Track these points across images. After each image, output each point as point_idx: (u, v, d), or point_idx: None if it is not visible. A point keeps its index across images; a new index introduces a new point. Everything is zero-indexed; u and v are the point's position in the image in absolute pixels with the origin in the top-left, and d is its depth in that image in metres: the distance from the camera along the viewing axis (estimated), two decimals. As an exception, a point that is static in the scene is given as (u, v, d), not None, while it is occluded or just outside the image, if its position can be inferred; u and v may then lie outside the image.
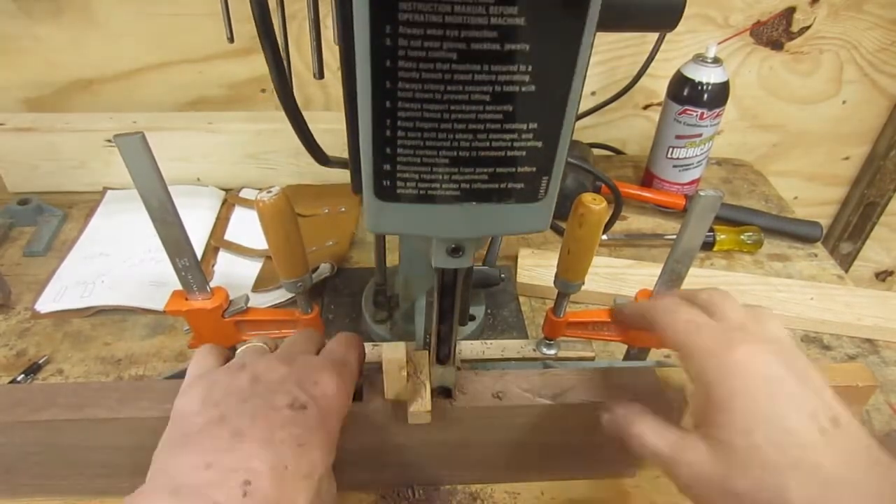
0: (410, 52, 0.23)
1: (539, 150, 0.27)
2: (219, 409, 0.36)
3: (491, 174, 0.28)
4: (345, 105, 0.32)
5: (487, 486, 0.52)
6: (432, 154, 0.26)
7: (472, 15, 0.22)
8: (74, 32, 0.87)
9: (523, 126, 0.26)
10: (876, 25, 0.96)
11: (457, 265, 0.33)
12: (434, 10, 0.22)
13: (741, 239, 0.81)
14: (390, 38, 0.23)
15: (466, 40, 0.23)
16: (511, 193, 0.29)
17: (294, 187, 0.88)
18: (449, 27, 0.23)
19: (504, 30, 0.23)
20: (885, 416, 0.61)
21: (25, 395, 0.45)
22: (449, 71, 0.24)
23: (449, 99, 0.25)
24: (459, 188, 0.28)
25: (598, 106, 0.93)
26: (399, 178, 0.27)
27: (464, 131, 0.26)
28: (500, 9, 0.22)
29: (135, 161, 0.42)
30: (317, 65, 0.42)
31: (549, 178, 0.28)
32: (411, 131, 0.26)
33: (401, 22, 0.22)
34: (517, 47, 0.24)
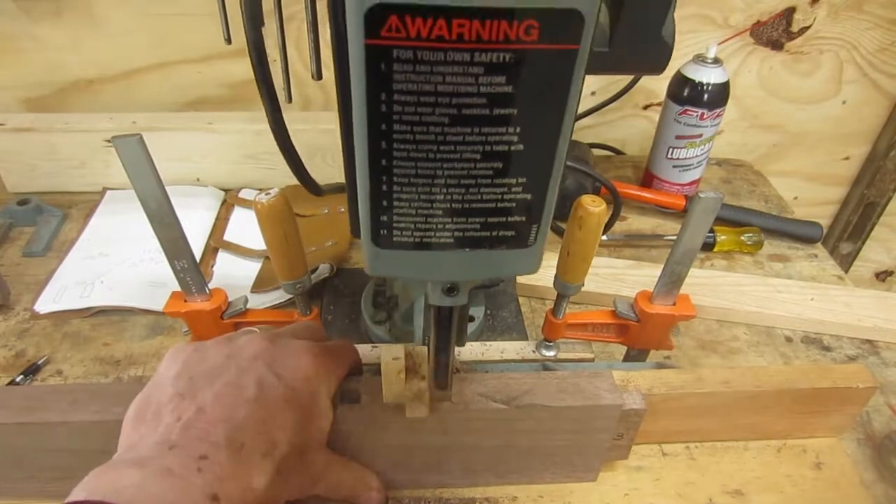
0: (405, 117, 0.25)
1: (528, 202, 0.29)
2: (191, 383, 0.38)
3: (483, 224, 0.29)
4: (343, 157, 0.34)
5: (479, 489, 0.52)
6: (427, 206, 0.28)
7: (462, 84, 0.24)
8: (74, 32, 0.87)
9: (513, 181, 0.28)
10: (876, 25, 0.96)
11: (452, 303, 0.35)
12: (427, 80, 0.24)
13: (741, 240, 0.81)
14: (385, 105, 0.24)
15: (458, 106, 0.25)
16: (502, 241, 0.30)
17: (293, 187, 0.87)
18: (441, 94, 0.24)
19: (493, 97, 0.24)
20: (885, 417, 0.61)
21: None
22: (441, 133, 0.25)
23: (441, 157, 0.26)
24: (453, 236, 0.29)
25: (598, 106, 0.93)
26: (395, 227, 0.29)
27: (456, 186, 0.27)
28: (488, 78, 0.24)
29: (133, 163, 0.42)
30: (315, 66, 0.42)
31: (538, 226, 0.30)
32: (406, 186, 0.27)
33: (395, 91, 0.24)
34: (505, 112, 0.25)
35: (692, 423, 0.54)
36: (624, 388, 0.49)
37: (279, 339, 0.43)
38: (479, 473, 0.51)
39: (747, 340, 0.69)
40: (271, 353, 0.41)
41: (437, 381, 0.42)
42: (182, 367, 0.40)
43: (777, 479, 0.53)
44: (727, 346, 0.69)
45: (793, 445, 0.56)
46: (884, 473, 0.55)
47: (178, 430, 0.35)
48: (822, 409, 0.54)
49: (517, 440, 0.49)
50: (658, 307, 0.53)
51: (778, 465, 0.55)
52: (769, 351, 0.68)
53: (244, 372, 0.39)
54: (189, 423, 0.36)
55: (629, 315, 0.54)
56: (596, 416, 0.47)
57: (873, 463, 0.57)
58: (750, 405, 0.52)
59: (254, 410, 0.37)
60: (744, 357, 0.67)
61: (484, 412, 0.46)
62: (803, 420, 0.54)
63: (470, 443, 0.48)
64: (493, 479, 0.52)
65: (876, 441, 0.58)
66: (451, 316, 0.37)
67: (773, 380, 0.52)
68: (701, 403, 0.52)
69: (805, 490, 0.53)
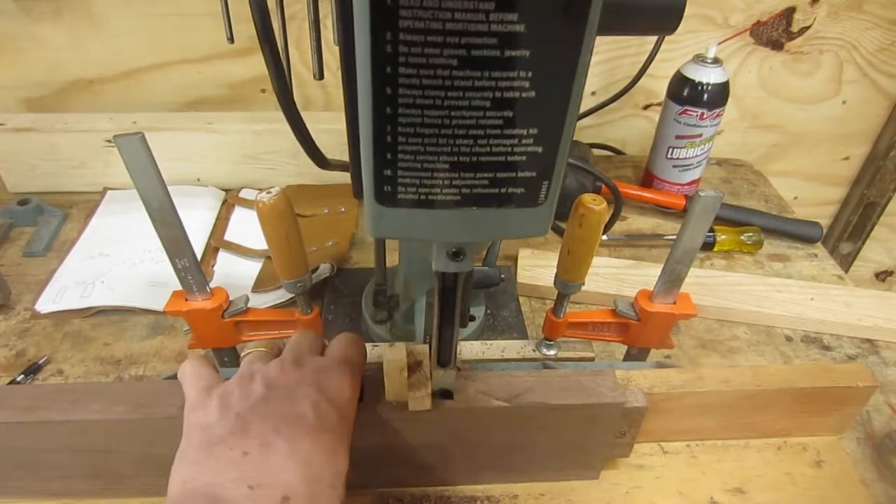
0: (411, 59, 0.23)
1: (539, 156, 0.27)
2: (240, 418, 0.36)
3: (491, 179, 0.28)
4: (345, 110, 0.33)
5: (480, 487, 0.52)
6: (433, 159, 0.27)
7: (472, 21, 0.22)
8: (74, 32, 0.87)
9: (523, 131, 0.26)
10: (876, 25, 0.96)
11: (457, 269, 0.33)
12: (434, 17, 0.22)
13: (741, 239, 0.81)
14: (391, 45, 0.23)
15: (467, 47, 0.23)
16: (511, 198, 0.29)
17: (294, 187, 0.88)
18: (449, 34, 0.23)
19: (504, 36, 0.23)
20: (885, 416, 0.61)
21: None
22: (449, 77, 0.24)
23: (449, 105, 0.25)
24: (460, 193, 0.28)
25: (598, 106, 0.93)
26: (400, 183, 0.27)
27: (464, 137, 0.26)
28: (499, 15, 0.22)
29: (134, 161, 0.42)
30: (317, 66, 0.42)
31: (549, 182, 0.28)
32: (412, 137, 0.26)
33: (401, 29, 0.23)
34: (517, 54, 0.24)
35: (693, 422, 0.54)
36: (626, 387, 0.49)
37: (305, 361, 0.41)
38: (482, 471, 0.51)
39: (747, 340, 0.69)
40: (311, 376, 0.39)
41: (441, 359, 0.42)
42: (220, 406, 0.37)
43: (777, 477, 0.54)
44: (727, 345, 0.69)
45: (793, 444, 0.56)
46: (884, 472, 0.56)
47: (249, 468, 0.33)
48: (822, 408, 0.54)
49: (519, 438, 0.49)
50: (658, 306, 0.53)
51: (778, 463, 0.55)
52: (769, 350, 0.68)
53: (295, 399, 0.37)
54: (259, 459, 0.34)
55: (629, 314, 0.54)
56: (598, 414, 0.47)
57: (873, 462, 0.57)
58: (750, 404, 0.52)
59: (317, 439, 0.36)
60: (744, 356, 0.67)
61: (486, 410, 0.46)
62: (803, 419, 0.55)
63: (472, 441, 0.48)
64: (496, 477, 0.52)
65: (876, 440, 0.58)
66: (456, 284, 0.36)
67: (773, 379, 0.52)
68: (701, 402, 0.52)
69: (805, 488, 0.53)
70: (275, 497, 0.32)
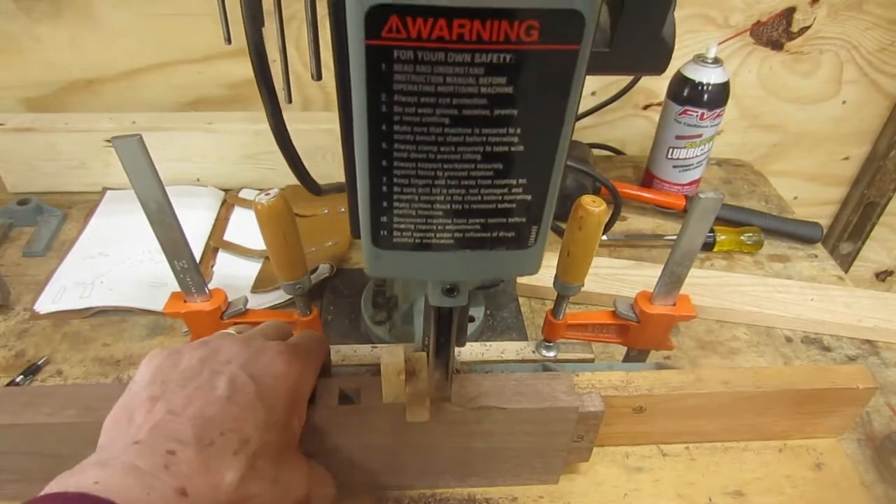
0: (405, 118, 0.25)
1: (528, 203, 0.29)
2: (163, 386, 0.39)
3: (483, 225, 0.29)
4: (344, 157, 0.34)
5: (479, 489, 0.52)
6: (427, 207, 0.28)
7: (463, 84, 0.24)
8: (74, 32, 0.87)
9: (513, 181, 0.28)
10: (876, 25, 0.96)
11: (452, 304, 0.35)
12: (427, 81, 0.24)
13: (741, 240, 0.81)
14: (386, 106, 0.24)
15: (458, 106, 0.25)
16: (503, 242, 0.30)
17: (293, 188, 0.87)
18: (441, 95, 0.24)
19: (493, 97, 0.24)
20: (886, 417, 0.61)
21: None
22: (442, 134, 0.25)
23: (442, 158, 0.26)
24: (453, 237, 0.29)
25: (598, 106, 0.93)
26: (395, 228, 0.29)
27: (457, 186, 0.27)
28: (489, 79, 0.24)
29: (132, 163, 0.42)
30: (315, 66, 0.42)
31: (538, 227, 0.30)
32: (406, 187, 0.27)
33: (396, 91, 0.24)
34: (506, 112, 0.25)
35: (692, 424, 0.54)
36: (584, 391, 0.49)
37: (252, 340, 0.43)
38: (439, 475, 0.51)
39: (747, 341, 0.69)
40: (245, 354, 0.41)
41: (437, 383, 0.42)
42: (155, 372, 0.40)
43: (777, 479, 0.53)
44: (727, 346, 0.69)
45: (793, 446, 0.56)
46: (884, 474, 0.55)
47: (147, 430, 0.35)
48: (822, 409, 0.54)
49: (475, 442, 0.48)
50: (658, 307, 0.53)
51: (778, 465, 0.55)
52: (769, 351, 0.68)
53: (217, 374, 0.39)
54: (158, 423, 0.36)
55: (629, 315, 0.54)
56: (553, 419, 0.47)
57: (873, 463, 0.57)
58: (750, 406, 0.52)
59: (224, 408, 0.37)
60: (744, 357, 0.67)
61: (438, 413, 0.46)
62: (803, 420, 0.54)
63: (427, 445, 0.48)
64: (453, 482, 0.52)
65: (876, 441, 0.58)
66: (452, 317, 0.37)
67: (773, 380, 0.52)
68: (701, 404, 0.52)
69: (805, 491, 0.53)
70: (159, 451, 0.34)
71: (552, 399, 0.46)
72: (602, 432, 0.53)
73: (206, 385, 0.38)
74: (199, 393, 0.38)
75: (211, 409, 0.37)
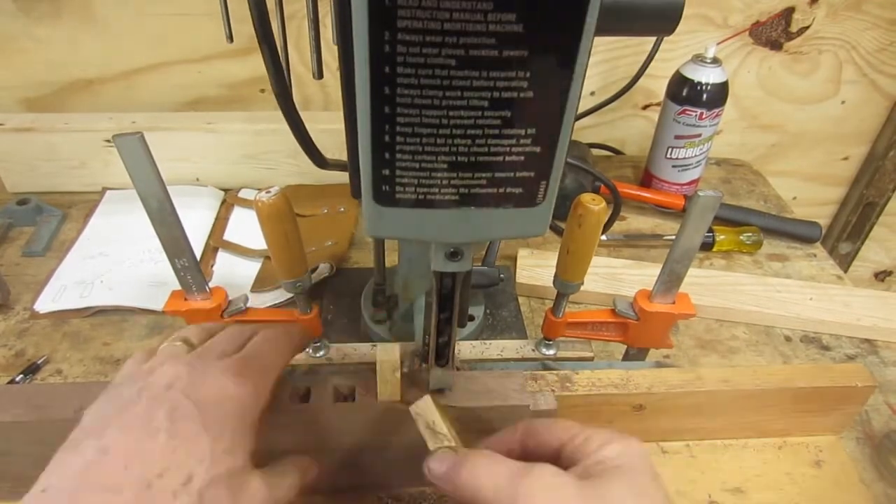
0: (409, 59, 0.24)
1: (537, 155, 0.27)
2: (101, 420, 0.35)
3: (489, 179, 0.28)
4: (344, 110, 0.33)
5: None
6: (431, 159, 0.27)
7: (470, 21, 0.23)
8: (74, 32, 0.87)
9: (521, 131, 0.26)
10: (875, 26, 0.96)
11: (455, 269, 0.33)
12: (432, 17, 0.22)
13: (740, 239, 0.81)
14: (389, 45, 0.23)
15: (465, 47, 0.23)
16: (509, 198, 0.29)
17: (293, 187, 0.88)
18: (447, 34, 0.23)
19: (502, 36, 0.23)
20: (885, 416, 0.61)
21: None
22: (447, 77, 0.24)
23: (447, 105, 0.25)
24: (458, 193, 0.28)
25: (598, 106, 0.93)
26: (398, 182, 0.27)
27: (462, 136, 0.26)
28: (498, 16, 0.22)
29: (134, 161, 0.42)
30: (316, 65, 0.42)
31: (547, 182, 0.28)
32: (410, 136, 0.26)
33: (399, 28, 0.23)
34: (515, 54, 0.24)
35: (692, 422, 0.54)
36: (537, 389, 0.48)
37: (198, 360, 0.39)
38: (394, 474, 0.50)
39: (746, 340, 0.69)
40: (188, 377, 0.37)
41: (439, 359, 0.42)
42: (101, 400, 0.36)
43: (777, 476, 0.54)
44: (726, 345, 0.69)
45: (792, 444, 0.56)
46: (883, 472, 0.56)
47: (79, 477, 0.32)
48: (822, 407, 0.54)
49: None
50: (657, 306, 0.53)
51: (777, 463, 0.55)
52: (768, 350, 0.68)
53: (155, 402, 0.36)
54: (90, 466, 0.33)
55: (629, 314, 0.54)
56: (504, 417, 0.46)
57: (872, 462, 0.57)
58: (749, 404, 0.53)
59: (163, 443, 0.34)
60: (743, 356, 0.67)
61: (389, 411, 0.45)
62: (802, 419, 0.55)
63: (380, 443, 0.48)
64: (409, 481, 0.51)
65: (875, 440, 0.58)
66: (454, 284, 0.36)
67: (772, 379, 0.52)
68: (700, 402, 0.52)
69: (804, 488, 0.53)
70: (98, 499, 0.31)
71: (503, 397, 0.46)
72: (602, 430, 0.53)
73: (144, 416, 0.35)
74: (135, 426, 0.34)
75: (147, 444, 0.34)
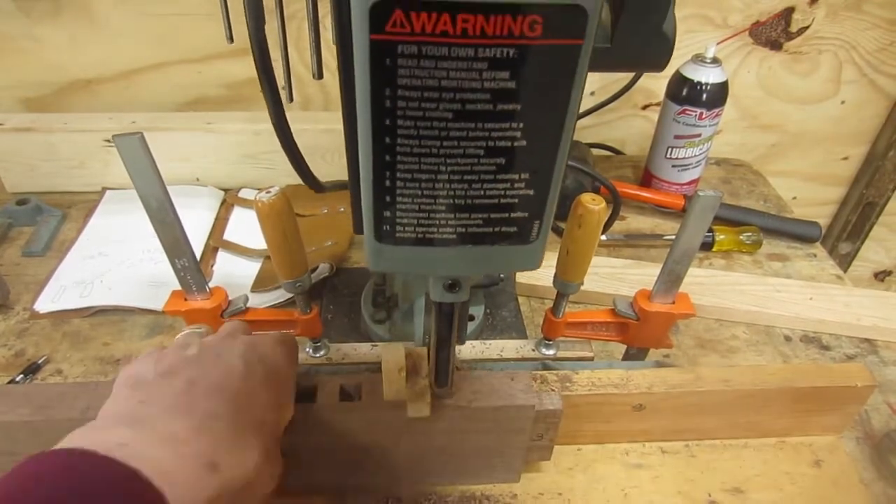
0: (409, 112, 0.25)
1: (531, 198, 0.29)
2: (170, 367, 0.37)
3: (485, 219, 0.29)
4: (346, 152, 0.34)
5: (479, 487, 0.52)
6: (430, 202, 0.28)
7: (466, 79, 0.24)
8: (73, 32, 0.87)
9: (515, 176, 0.28)
10: (875, 26, 0.96)
11: (453, 300, 0.35)
12: (431, 75, 0.24)
13: (740, 239, 0.81)
14: (389, 100, 0.24)
15: (461, 101, 0.25)
16: (505, 237, 0.30)
17: (293, 187, 0.87)
18: (444, 90, 0.24)
19: (496, 92, 0.24)
20: (884, 415, 0.61)
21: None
22: (445, 129, 0.26)
23: (445, 153, 0.26)
24: (456, 232, 0.29)
25: (598, 106, 0.93)
26: (398, 223, 0.29)
27: (459, 182, 0.27)
28: (492, 73, 0.24)
29: (134, 161, 0.42)
30: (316, 66, 0.42)
31: (540, 222, 0.30)
32: (409, 182, 0.27)
33: (399, 86, 0.24)
34: (509, 107, 0.25)
35: (691, 422, 0.54)
36: (543, 389, 0.49)
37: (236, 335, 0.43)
38: (398, 475, 0.51)
39: (746, 339, 0.69)
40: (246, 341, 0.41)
41: (438, 380, 0.42)
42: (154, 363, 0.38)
43: (776, 476, 0.54)
44: (726, 344, 0.69)
45: (792, 443, 0.56)
46: (882, 472, 0.56)
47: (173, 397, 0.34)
48: (821, 407, 0.54)
49: (433, 441, 0.48)
50: (657, 306, 0.53)
51: (777, 462, 0.55)
52: (768, 350, 0.68)
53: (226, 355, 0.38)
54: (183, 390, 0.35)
55: (628, 313, 0.54)
56: (510, 417, 0.47)
57: (872, 461, 0.57)
58: (749, 404, 0.53)
59: (243, 387, 0.37)
60: (743, 356, 0.68)
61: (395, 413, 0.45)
62: (802, 418, 0.55)
63: (384, 443, 0.48)
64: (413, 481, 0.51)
65: (875, 439, 0.58)
66: (453, 312, 0.37)
67: (772, 378, 0.52)
68: (700, 402, 0.52)
69: (804, 488, 0.53)
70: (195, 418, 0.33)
71: (509, 397, 0.46)
72: (602, 430, 0.53)
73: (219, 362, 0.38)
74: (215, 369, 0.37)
75: (232, 385, 0.36)
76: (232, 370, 0.37)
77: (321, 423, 0.45)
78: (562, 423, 0.49)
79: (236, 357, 0.38)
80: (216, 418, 0.34)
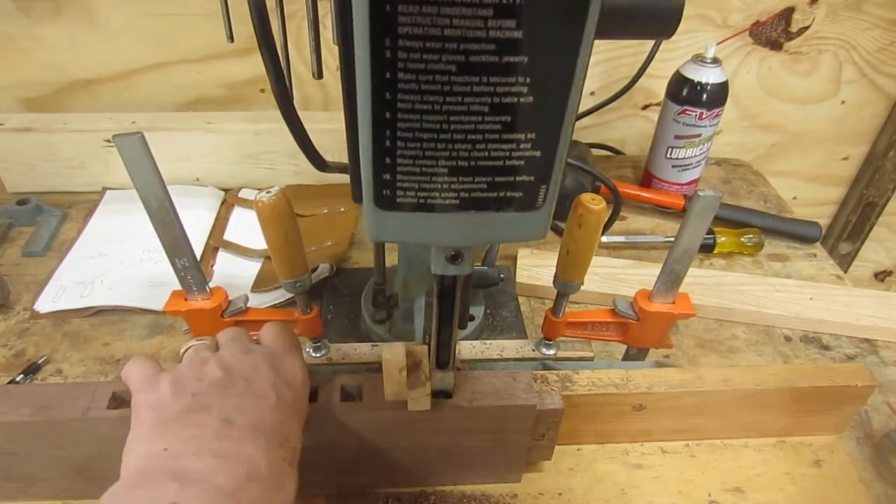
0: (410, 65, 0.24)
1: (537, 160, 0.27)
2: (197, 397, 0.36)
3: (489, 183, 0.28)
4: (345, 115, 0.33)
5: (479, 486, 0.52)
6: (431, 164, 0.27)
7: (470, 28, 0.23)
8: (73, 32, 0.87)
9: (521, 136, 0.26)
10: (875, 26, 0.96)
11: (456, 272, 0.34)
12: (433, 24, 0.22)
13: (741, 241, 0.81)
14: (390, 51, 0.23)
15: (465, 52, 0.23)
16: (510, 202, 0.29)
17: (293, 187, 0.88)
18: (448, 40, 0.23)
19: (502, 42, 0.23)
20: (884, 415, 0.61)
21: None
22: (448, 83, 0.24)
23: (448, 110, 0.25)
24: (458, 197, 0.28)
25: (598, 106, 0.93)
26: (399, 187, 0.28)
27: (462, 141, 0.26)
28: (498, 22, 0.23)
29: (134, 161, 0.42)
30: (316, 65, 0.42)
31: (547, 186, 0.29)
32: (411, 142, 0.26)
33: (400, 35, 0.23)
34: (515, 59, 0.24)
35: (692, 422, 0.54)
36: (544, 389, 0.49)
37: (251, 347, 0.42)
38: (398, 475, 0.51)
39: (746, 339, 0.69)
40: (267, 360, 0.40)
41: (440, 361, 0.42)
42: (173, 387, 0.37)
43: (776, 476, 0.54)
44: (726, 345, 0.69)
45: (792, 443, 0.56)
46: (882, 472, 0.56)
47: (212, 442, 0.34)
48: (821, 407, 0.54)
49: (434, 441, 0.48)
50: (657, 306, 0.53)
51: (777, 462, 0.55)
52: (768, 350, 0.68)
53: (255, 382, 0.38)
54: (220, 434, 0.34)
55: (629, 313, 0.54)
56: (511, 416, 0.47)
57: (872, 461, 0.57)
58: (749, 404, 0.53)
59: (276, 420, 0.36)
60: (743, 356, 0.67)
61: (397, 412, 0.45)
62: (802, 418, 0.55)
63: (385, 443, 0.48)
64: (414, 481, 0.51)
65: (875, 439, 0.58)
66: (455, 287, 0.36)
67: (772, 378, 0.52)
68: (700, 402, 0.52)
69: (804, 488, 0.53)
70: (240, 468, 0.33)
71: (510, 397, 0.46)
72: (602, 430, 0.53)
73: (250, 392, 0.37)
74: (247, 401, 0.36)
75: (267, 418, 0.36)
76: (264, 402, 0.37)
77: (321, 423, 0.45)
78: (562, 423, 0.49)
79: (266, 385, 0.38)
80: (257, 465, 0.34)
